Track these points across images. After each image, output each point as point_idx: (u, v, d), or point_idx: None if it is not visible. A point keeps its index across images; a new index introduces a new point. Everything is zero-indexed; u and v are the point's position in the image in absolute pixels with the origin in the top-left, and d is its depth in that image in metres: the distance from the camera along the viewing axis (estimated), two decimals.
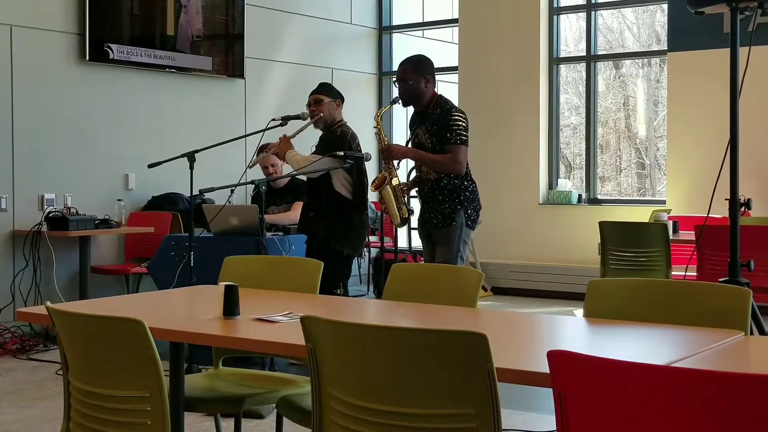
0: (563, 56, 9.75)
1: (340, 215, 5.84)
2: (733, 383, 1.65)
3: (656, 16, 10.00)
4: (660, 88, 9.93)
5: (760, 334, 3.98)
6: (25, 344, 6.55)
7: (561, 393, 1.86)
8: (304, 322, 2.33)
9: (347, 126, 5.98)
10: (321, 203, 5.88)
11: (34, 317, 3.19)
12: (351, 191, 5.86)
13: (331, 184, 5.83)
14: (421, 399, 2.16)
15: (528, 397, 4.61)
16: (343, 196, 5.84)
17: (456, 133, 5.10)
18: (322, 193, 5.86)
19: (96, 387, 2.64)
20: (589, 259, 8.27)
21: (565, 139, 10.20)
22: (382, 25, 10.59)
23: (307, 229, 5.99)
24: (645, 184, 10.75)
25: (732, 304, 2.77)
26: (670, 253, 6.36)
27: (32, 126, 7.29)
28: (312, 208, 5.96)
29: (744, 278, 4.18)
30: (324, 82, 6.26)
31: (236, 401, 3.23)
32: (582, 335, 2.90)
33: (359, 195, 5.89)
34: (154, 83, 8.13)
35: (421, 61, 5.30)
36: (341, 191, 5.83)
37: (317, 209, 5.90)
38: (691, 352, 2.42)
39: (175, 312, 3.36)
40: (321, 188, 5.86)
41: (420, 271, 3.86)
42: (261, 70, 9.12)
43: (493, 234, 9.34)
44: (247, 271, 3.77)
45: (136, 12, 8.03)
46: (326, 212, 5.85)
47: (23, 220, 7.16)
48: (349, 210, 5.87)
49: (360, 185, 5.89)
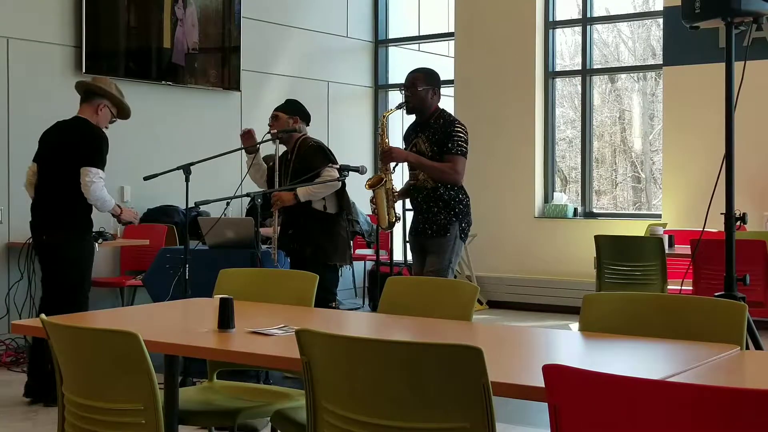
0: (559, 70, 9.78)
1: (324, 231, 5.80)
2: (730, 398, 1.64)
3: (652, 31, 10.03)
4: (655, 102, 9.95)
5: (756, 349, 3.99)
6: (20, 357, 6.53)
7: (556, 407, 1.85)
8: (299, 336, 2.32)
9: (314, 138, 5.98)
10: (300, 222, 5.83)
11: (28, 330, 3.18)
12: (334, 204, 5.83)
13: (309, 202, 5.79)
14: (417, 413, 2.16)
15: (523, 411, 4.60)
16: (321, 211, 5.80)
17: (457, 144, 5.14)
18: (300, 212, 5.81)
19: (90, 400, 2.63)
20: (585, 272, 8.26)
21: (561, 153, 10.22)
22: (378, 38, 10.61)
23: (288, 248, 5.94)
24: (641, 197, 10.76)
25: (728, 318, 2.77)
26: (665, 267, 6.36)
27: (28, 138, 7.26)
28: (291, 225, 5.90)
29: (740, 293, 4.18)
30: (289, 98, 6.31)
31: (231, 414, 3.22)
32: (577, 349, 2.89)
33: (341, 206, 5.87)
34: (150, 96, 8.13)
35: (432, 73, 5.41)
36: (319, 208, 5.79)
37: (296, 227, 5.86)
38: (686, 366, 2.42)
39: (169, 325, 3.35)
40: (299, 207, 5.80)
41: (415, 284, 3.86)
42: (257, 83, 9.13)
43: (488, 247, 9.34)
44: (243, 284, 3.76)
45: (133, 25, 8.04)
46: (309, 231, 5.79)
47: (19, 232, 7.14)
48: (332, 223, 5.84)
49: (342, 196, 5.87)
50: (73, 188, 5.32)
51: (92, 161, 5.30)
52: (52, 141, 5.51)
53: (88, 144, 5.37)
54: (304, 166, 5.79)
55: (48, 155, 5.48)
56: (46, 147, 5.53)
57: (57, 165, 5.40)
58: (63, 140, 5.44)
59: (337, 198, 5.85)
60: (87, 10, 7.56)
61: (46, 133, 5.61)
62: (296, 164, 5.86)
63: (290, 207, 5.78)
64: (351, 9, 10.28)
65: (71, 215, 5.42)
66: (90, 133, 5.41)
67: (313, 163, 5.76)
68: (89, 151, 5.34)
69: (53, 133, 5.55)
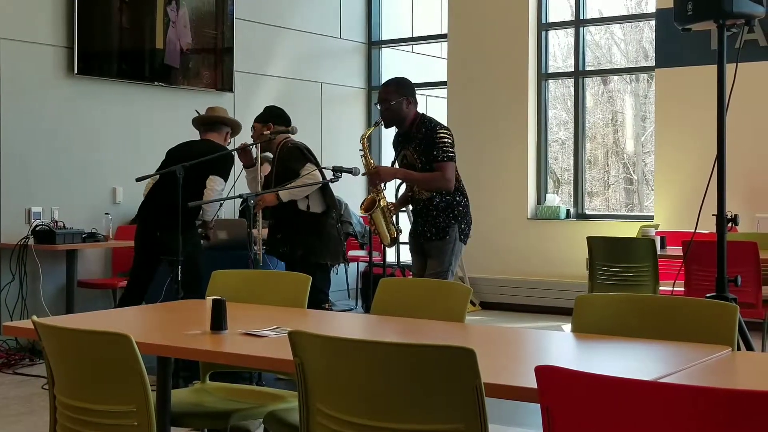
0: (552, 72, 9.79)
1: (312, 231, 5.82)
2: (721, 399, 1.65)
3: (644, 33, 10.05)
4: (648, 104, 9.97)
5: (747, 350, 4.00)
6: (11, 358, 6.51)
7: (549, 408, 1.85)
8: (292, 337, 2.32)
9: (293, 140, 5.99)
10: (288, 225, 5.84)
11: (20, 331, 3.17)
12: (319, 204, 5.85)
13: (296, 204, 5.81)
14: (409, 414, 2.16)
15: (516, 412, 4.61)
16: (307, 212, 5.82)
17: (443, 150, 5.13)
18: (287, 214, 5.82)
19: (82, 402, 2.63)
20: (577, 274, 8.27)
21: (554, 155, 10.23)
22: (372, 39, 10.61)
23: (278, 251, 5.95)
24: (633, 199, 10.78)
25: (719, 319, 2.78)
26: (657, 268, 6.37)
27: (20, 139, 7.27)
28: (278, 229, 5.92)
29: (731, 294, 4.19)
30: (268, 106, 6.32)
31: (223, 416, 3.21)
32: (570, 350, 2.90)
33: (327, 205, 5.89)
34: (142, 97, 8.12)
35: (402, 82, 5.32)
36: (302, 207, 5.81)
37: (284, 230, 5.87)
38: (678, 367, 2.43)
39: (162, 326, 3.35)
40: (285, 210, 5.82)
41: (408, 285, 3.86)
42: (250, 84, 9.12)
43: (481, 249, 9.34)
44: (235, 285, 3.76)
45: (125, 25, 8.03)
46: (298, 232, 5.81)
47: (10, 233, 7.13)
48: (319, 223, 5.86)
49: (327, 194, 5.89)
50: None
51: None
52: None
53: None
54: (283, 168, 5.85)
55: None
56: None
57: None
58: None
59: (322, 197, 5.87)
60: (79, 10, 7.55)
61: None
62: (277, 167, 5.92)
63: (277, 211, 5.81)
64: (344, 10, 10.28)
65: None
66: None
67: (290, 163, 5.81)
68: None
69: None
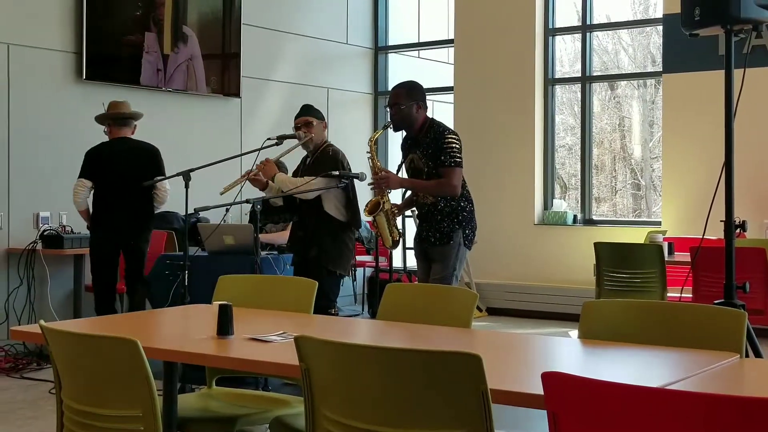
0: (559, 77, 9.78)
1: (332, 237, 5.83)
2: (728, 406, 1.64)
3: (651, 38, 10.05)
4: (655, 109, 9.96)
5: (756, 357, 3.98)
6: (19, 363, 6.52)
7: (555, 415, 1.85)
8: (298, 342, 2.32)
9: (335, 146, 6.01)
10: (311, 224, 5.86)
11: (27, 336, 3.18)
12: (344, 212, 5.86)
13: (322, 205, 5.82)
14: (415, 420, 2.15)
15: (522, 418, 4.59)
16: (333, 217, 5.83)
17: (450, 155, 5.13)
18: (312, 214, 5.85)
19: (89, 406, 2.63)
20: (585, 280, 8.26)
21: (561, 160, 10.22)
22: (378, 45, 10.62)
23: (296, 249, 5.98)
24: (640, 205, 10.76)
25: (727, 326, 2.77)
26: (665, 274, 6.36)
27: (28, 144, 7.29)
28: (301, 227, 5.95)
29: (739, 300, 4.17)
30: (307, 104, 6.28)
31: (229, 421, 3.21)
32: (577, 357, 2.89)
33: (353, 215, 5.90)
34: (150, 102, 8.14)
35: (414, 86, 5.34)
36: (332, 212, 5.82)
37: (306, 230, 5.89)
38: (686, 374, 2.42)
39: (168, 331, 3.35)
40: (312, 209, 5.84)
41: (414, 291, 3.86)
42: (257, 90, 9.13)
43: (488, 254, 9.33)
44: (242, 291, 3.76)
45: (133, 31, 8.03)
46: (318, 234, 5.82)
47: (18, 238, 7.14)
48: (341, 231, 5.87)
49: (353, 205, 5.89)
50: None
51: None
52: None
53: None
54: (316, 168, 5.86)
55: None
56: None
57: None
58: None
59: (347, 209, 5.88)
60: (87, 16, 7.57)
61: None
62: (313, 165, 5.92)
63: (305, 211, 5.82)
64: (351, 16, 10.29)
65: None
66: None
67: (325, 167, 5.82)
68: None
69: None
